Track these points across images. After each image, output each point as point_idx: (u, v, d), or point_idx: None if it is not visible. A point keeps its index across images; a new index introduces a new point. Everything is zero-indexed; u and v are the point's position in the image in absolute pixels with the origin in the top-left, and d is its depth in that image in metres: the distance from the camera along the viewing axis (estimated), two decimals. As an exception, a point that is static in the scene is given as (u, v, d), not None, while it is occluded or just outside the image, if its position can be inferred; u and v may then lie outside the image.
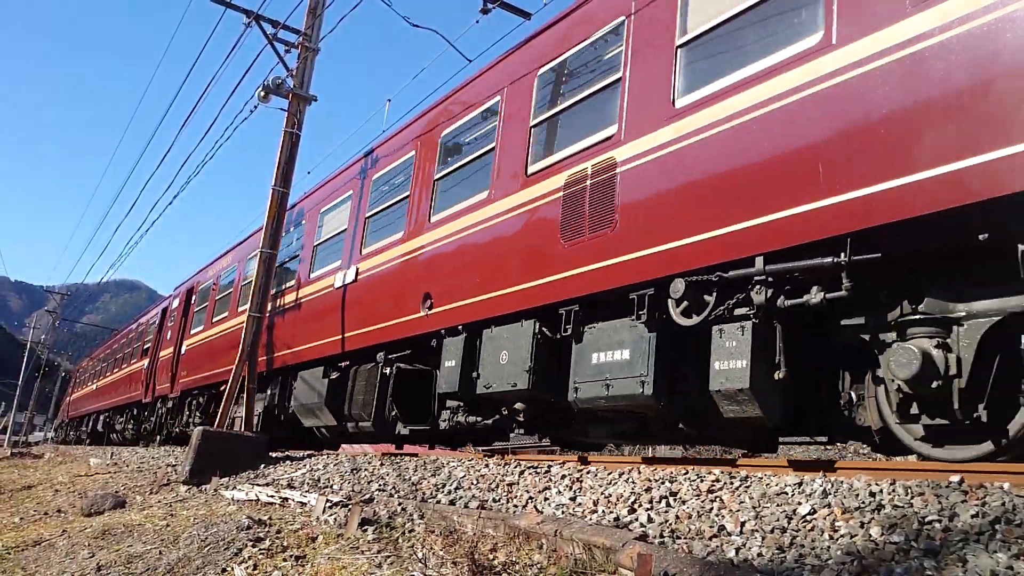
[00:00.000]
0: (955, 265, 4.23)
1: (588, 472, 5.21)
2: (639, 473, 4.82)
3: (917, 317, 4.27)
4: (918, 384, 4.11)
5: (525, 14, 10.04)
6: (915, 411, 4.32)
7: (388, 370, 8.65)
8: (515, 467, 5.80)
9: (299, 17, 11.23)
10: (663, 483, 4.44)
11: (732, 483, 4.18)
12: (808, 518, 3.41)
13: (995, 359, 4.06)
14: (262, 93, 10.66)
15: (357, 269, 9.69)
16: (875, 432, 4.75)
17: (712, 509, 3.85)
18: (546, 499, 4.77)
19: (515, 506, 4.81)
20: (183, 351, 16.85)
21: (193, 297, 17.46)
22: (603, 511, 4.24)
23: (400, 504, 5.22)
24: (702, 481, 4.32)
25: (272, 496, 6.41)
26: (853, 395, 4.94)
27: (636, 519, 3.96)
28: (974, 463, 4.09)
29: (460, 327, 7.46)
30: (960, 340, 4.11)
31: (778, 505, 3.65)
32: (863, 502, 3.40)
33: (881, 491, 3.47)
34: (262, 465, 8.94)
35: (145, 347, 21.27)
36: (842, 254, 4.32)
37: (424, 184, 8.67)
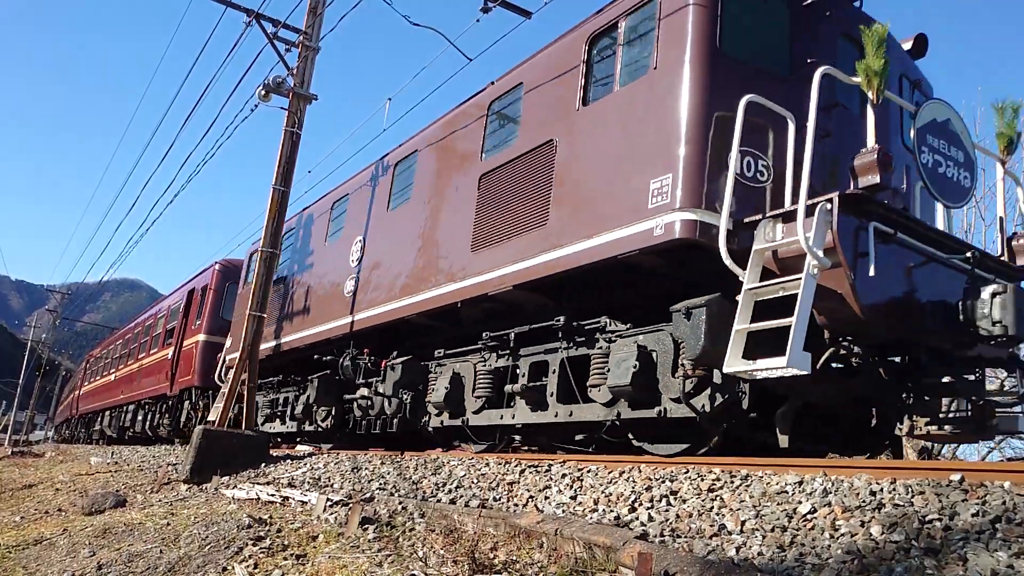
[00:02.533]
0: None
1: (588, 471, 5.20)
2: (639, 472, 4.82)
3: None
4: None
5: (526, 13, 10.00)
6: None
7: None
8: (516, 466, 5.80)
9: (299, 16, 11.24)
10: (664, 482, 4.44)
11: (732, 482, 4.17)
12: (808, 517, 3.40)
13: None
14: (263, 92, 10.65)
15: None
16: None
17: (712, 508, 3.85)
18: (547, 498, 4.77)
19: (516, 505, 4.81)
20: (81, 392, 33.49)
21: (89, 362, 33.58)
22: (604, 510, 4.23)
23: (401, 503, 5.22)
24: (703, 480, 4.31)
25: (273, 495, 6.41)
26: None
27: (637, 518, 3.96)
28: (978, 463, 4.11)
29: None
30: None
31: (778, 504, 3.65)
32: (863, 501, 3.39)
33: (881, 490, 3.47)
34: (263, 464, 8.95)
35: (75, 383, 38.38)
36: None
37: (152, 339, 20.46)
